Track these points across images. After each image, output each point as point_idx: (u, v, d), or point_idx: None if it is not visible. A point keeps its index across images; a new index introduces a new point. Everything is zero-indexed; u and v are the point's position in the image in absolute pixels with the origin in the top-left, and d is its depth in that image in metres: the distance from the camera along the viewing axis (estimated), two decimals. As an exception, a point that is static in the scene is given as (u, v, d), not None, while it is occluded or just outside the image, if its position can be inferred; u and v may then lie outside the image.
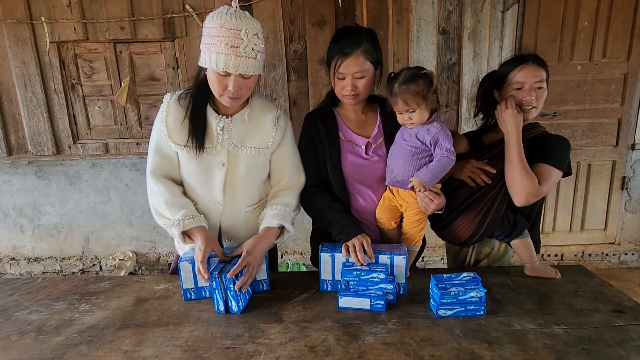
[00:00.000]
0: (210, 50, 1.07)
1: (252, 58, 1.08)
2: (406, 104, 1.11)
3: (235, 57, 1.05)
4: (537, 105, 1.20)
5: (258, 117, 1.23)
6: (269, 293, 1.20)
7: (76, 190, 2.88)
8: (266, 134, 1.24)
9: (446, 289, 1.03)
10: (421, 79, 1.10)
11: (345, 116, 1.30)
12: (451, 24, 2.48)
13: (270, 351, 0.92)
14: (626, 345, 0.91)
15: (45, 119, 2.63)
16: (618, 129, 2.71)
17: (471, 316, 1.04)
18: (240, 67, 1.07)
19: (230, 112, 1.21)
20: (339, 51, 1.15)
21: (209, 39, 1.07)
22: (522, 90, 1.19)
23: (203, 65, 1.11)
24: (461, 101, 2.59)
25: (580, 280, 1.23)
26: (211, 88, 1.14)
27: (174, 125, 1.18)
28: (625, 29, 2.54)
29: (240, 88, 1.10)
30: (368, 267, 1.10)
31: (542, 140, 1.24)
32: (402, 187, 1.19)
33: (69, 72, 2.59)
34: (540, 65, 1.19)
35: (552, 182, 1.19)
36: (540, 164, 1.19)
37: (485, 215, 1.26)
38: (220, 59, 1.05)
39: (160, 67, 2.59)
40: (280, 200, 1.26)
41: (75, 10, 2.44)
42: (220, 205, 1.25)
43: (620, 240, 2.93)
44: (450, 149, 1.12)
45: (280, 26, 2.47)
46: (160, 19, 2.46)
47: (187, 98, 1.20)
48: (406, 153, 1.16)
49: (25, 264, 3.01)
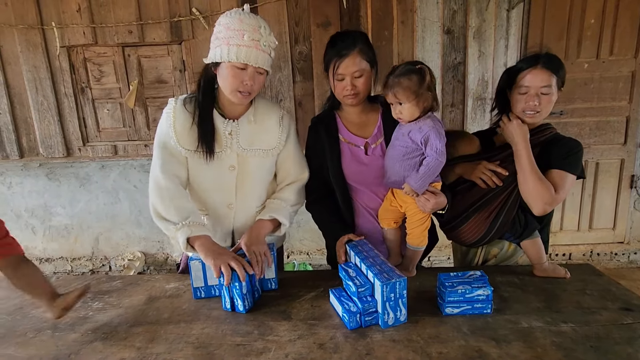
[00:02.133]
0: (230, 44, 1.07)
1: (268, 54, 1.12)
2: (395, 97, 1.12)
3: (257, 50, 1.08)
4: (540, 110, 1.17)
5: (263, 118, 1.25)
6: (277, 292, 1.22)
7: (86, 191, 2.93)
8: (272, 135, 1.25)
9: (453, 287, 1.04)
10: (414, 73, 1.10)
11: (345, 118, 1.31)
12: (456, 24, 2.48)
13: (279, 348, 0.94)
14: (634, 343, 0.91)
15: (55, 122, 2.68)
16: (626, 127, 2.69)
17: (478, 314, 1.04)
18: (260, 60, 1.10)
19: (235, 115, 1.22)
20: (336, 53, 1.17)
21: (227, 32, 1.08)
22: (527, 94, 1.17)
23: (217, 60, 1.10)
24: (467, 101, 2.59)
25: (588, 278, 1.23)
26: (223, 85, 1.14)
27: (182, 131, 1.18)
28: (633, 26, 2.52)
29: (254, 83, 1.13)
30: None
31: (554, 143, 1.21)
32: (398, 188, 1.20)
33: (79, 75, 2.64)
34: (550, 70, 1.15)
35: (568, 188, 1.17)
36: (554, 170, 1.18)
37: (496, 217, 1.24)
38: (242, 50, 1.07)
39: (167, 69, 2.62)
40: (279, 195, 1.30)
41: (84, 15, 2.49)
42: (232, 209, 1.27)
43: (629, 239, 2.90)
44: (440, 150, 1.11)
45: (286, 28, 2.49)
46: (167, 23, 2.50)
47: (193, 102, 1.20)
48: (397, 153, 1.17)
49: (37, 264, 3.05)
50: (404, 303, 0.99)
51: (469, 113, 2.60)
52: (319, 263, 2.85)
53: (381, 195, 1.29)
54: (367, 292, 1.03)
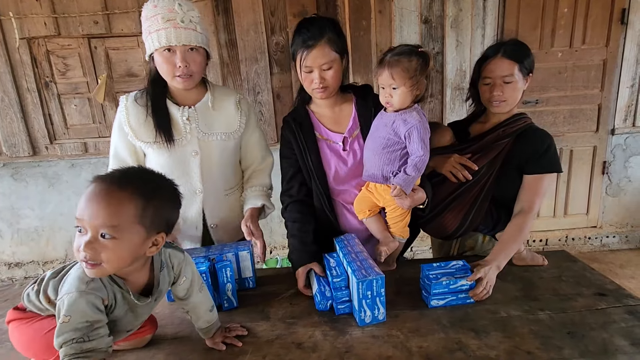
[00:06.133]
0: (150, 32, 1.08)
1: (192, 29, 1.09)
2: (391, 77, 1.04)
3: (175, 28, 1.07)
4: (506, 99, 1.16)
5: (221, 104, 1.26)
6: (255, 290, 1.18)
7: (56, 192, 2.79)
8: (232, 118, 1.27)
9: (437, 279, 1.03)
10: (416, 56, 1.03)
11: (319, 113, 1.26)
12: (433, 13, 2.47)
13: (257, 350, 0.91)
14: (609, 327, 0.93)
15: (19, 119, 2.53)
16: (598, 115, 2.76)
17: (462, 304, 1.04)
18: (183, 38, 1.08)
19: (190, 102, 1.22)
20: (302, 44, 1.10)
21: (146, 22, 1.09)
22: (491, 85, 1.16)
23: (149, 52, 1.12)
24: (445, 91, 2.59)
25: (563, 265, 1.25)
26: (162, 74, 1.14)
27: (137, 124, 1.19)
28: (604, 16, 2.57)
29: (188, 63, 1.10)
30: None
31: (525, 140, 1.18)
32: (376, 182, 1.16)
33: (42, 69, 2.49)
34: (511, 58, 1.13)
35: (544, 190, 1.17)
36: (529, 176, 1.17)
37: (469, 210, 1.23)
38: (161, 34, 1.07)
39: (138, 62, 2.50)
40: (257, 181, 1.34)
41: (45, 4, 2.34)
42: (200, 194, 1.26)
43: (602, 223, 3.00)
44: (424, 148, 1.06)
45: (261, 18, 2.41)
46: (136, 12, 2.37)
47: (144, 96, 1.20)
48: (377, 145, 1.12)
49: (5, 269, 2.92)
50: (382, 302, 0.97)
51: (448, 103, 2.61)
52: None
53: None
54: (342, 282, 1.03)
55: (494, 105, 1.18)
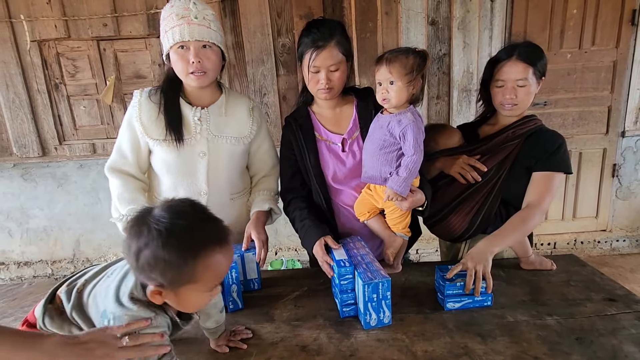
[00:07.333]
0: (166, 31, 1.11)
1: (205, 27, 1.11)
2: (389, 72, 1.05)
3: (188, 24, 1.09)
4: (518, 102, 1.15)
5: (234, 108, 1.27)
6: (260, 292, 1.18)
7: (64, 192, 2.82)
8: (243, 124, 1.28)
9: (452, 281, 1.02)
10: (414, 54, 1.06)
11: (320, 114, 1.26)
12: (440, 14, 2.46)
13: (261, 352, 0.90)
14: (618, 334, 0.91)
15: (29, 120, 2.57)
16: (608, 117, 2.72)
17: (479, 307, 1.02)
18: (196, 34, 1.09)
19: (203, 103, 1.23)
20: (311, 44, 1.11)
21: (163, 22, 1.13)
22: (504, 88, 1.15)
23: (165, 52, 1.15)
24: (452, 92, 2.58)
25: (572, 269, 1.23)
26: (177, 72, 1.16)
27: (149, 121, 1.20)
28: (614, 16, 2.53)
29: (201, 59, 1.12)
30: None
31: (535, 140, 1.17)
32: (374, 183, 1.15)
33: (52, 71, 2.53)
34: (525, 61, 1.13)
35: (554, 189, 1.15)
36: (538, 173, 1.16)
37: (478, 212, 1.22)
38: (175, 31, 1.09)
39: (146, 64, 2.53)
40: (264, 186, 1.35)
41: (55, 7, 2.38)
42: (205, 195, 1.26)
43: (611, 227, 2.95)
44: (416, 148, 1.06)
45: (268, 20, 2.42)
46: (144, 15, 2.40)
47: (158, 93, 1.22)
48: (374, 147, 1.13)
49: (15, 268, 2.96)
50: (387, 305, 0.96)
51: (455, 105, 2.59)
52: (307, 259, 2.82)
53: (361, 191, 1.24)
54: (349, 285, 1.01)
55: (506, 108, 1.17)
